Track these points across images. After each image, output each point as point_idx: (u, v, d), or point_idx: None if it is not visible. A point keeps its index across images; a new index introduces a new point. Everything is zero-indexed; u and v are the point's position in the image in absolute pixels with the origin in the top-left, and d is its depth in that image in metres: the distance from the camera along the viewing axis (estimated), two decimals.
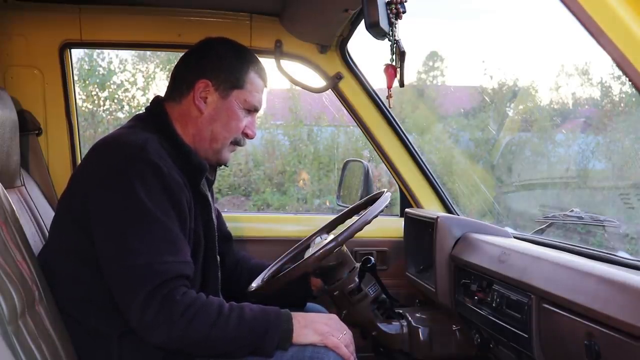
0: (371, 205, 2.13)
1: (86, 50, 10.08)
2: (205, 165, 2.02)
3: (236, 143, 2.09)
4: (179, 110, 2.04)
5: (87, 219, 1.80)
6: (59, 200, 2.01)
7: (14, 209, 1.85)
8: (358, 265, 2.25)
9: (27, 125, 2.59)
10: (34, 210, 2.31)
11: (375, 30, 1.76)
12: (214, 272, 2.07)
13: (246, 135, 2.09)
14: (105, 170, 1.82)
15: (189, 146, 2.00)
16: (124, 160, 1.80)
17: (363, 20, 1.84)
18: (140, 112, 2.11)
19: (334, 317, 1.92)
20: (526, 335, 1.75)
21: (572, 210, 2.24)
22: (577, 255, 1.81)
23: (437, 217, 2.40)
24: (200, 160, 2.00)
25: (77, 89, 3.04)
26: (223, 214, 2.47)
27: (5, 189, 1.86)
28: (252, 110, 2.09)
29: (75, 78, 3.00)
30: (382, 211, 2.10)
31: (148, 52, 9.03)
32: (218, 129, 2.03)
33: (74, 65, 2.97)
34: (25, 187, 2.37)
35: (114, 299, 1.77)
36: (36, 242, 2.14)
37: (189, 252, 1.83)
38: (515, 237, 2.30)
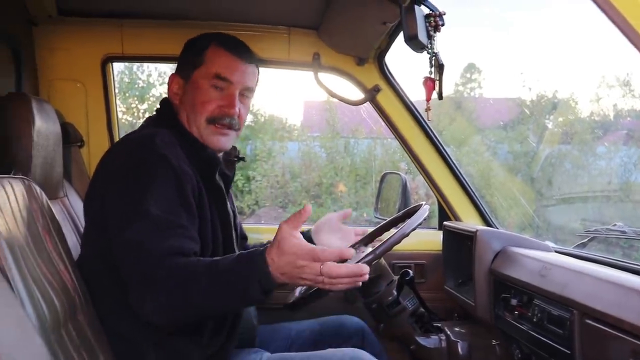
0: (409, 218, 2.12)
1: (126, 64, 10.27)
2: (216, 157, 2.01)
3: (213, 122, 1.98)
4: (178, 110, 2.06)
5: (106, 219, 1.81)
6: (83, 207, 2.01)
7: (57, 219, 1.88)
8: (396, 278, 2.24)
9: (70, 137, 2.63)
10: (76, 221, 2.34)
11: (414, 43, 1.76)
12: None
13: (225, 113, 1.98)
14: (114, 167, 1.85)
15: (198, 140, 1.99)
16: (130, 154, 1.83)
17: (402, 33, 1.84)
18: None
19: (304, 251, 1.59)
20: (568, 352, 1.71)
21: (614, 224, 2.21)
22: (620, 270, 1.77)
23: (477, 230, 2.38)
24: (213, 153, 1.99)
25: (118, 102, 3.09)
26: (258, 225, 2.47)
27: (49, 199, 1.89)
28: (221, 79, 1.98)
29: (116, 91, 3.05)
30: (420, 224, 2.08)
31: None
32: (190, 112, 2.00)
33: (115, 78, 3.02)
34: (68, 198, 2.41)
35: None
36: (78, 253, 2.16)
37: (191, 229, 1.78)
38: (556, 251, 2.27)
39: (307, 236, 2.41)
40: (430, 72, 1.91)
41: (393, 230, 2.34)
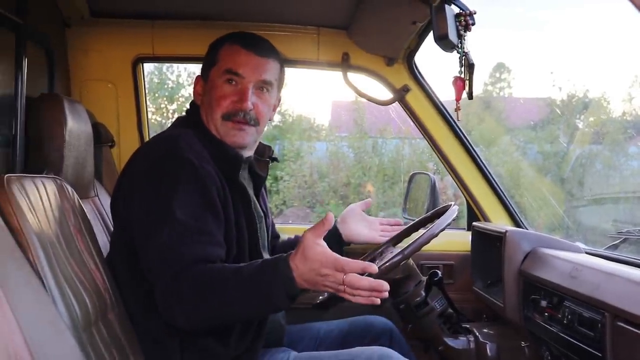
0: (438, 218, 2.11)
1: (156, 65, 10.35)
2: (239, 156, 2.00)
3: (228, 118, 1.97)
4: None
5: (128, 221, 1.84)
6: (110, 208, 2.05)
7: (88, 218, 1.91)
8: (424, 278, 2.23)
9: (101, 138, 2.66)
10: (106, 221, 2.37)
11: (445, 42, 1.76)
12: None
13: (238, 108, 1.96)
14: (139, 169, 1.88)
15: (220, 139, 2.00)
16: (155, 157, 1.86)
17: (431, 33, 1.84)
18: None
19: (329, 260, 1.60)
20: (599, 354, 1.69)
21: None
22: None
23: (506, 231, 2.36)
24: (236, 152, 2.00)
25: (148, 102, 3.12)
26: (286, 225, 2.47)
27: (80, 199, 1.92)
28: (233, 74, 1.98)
29: (146, 91, 3.08)
30: (449, 224, 2.07)
31: None
32: (208, 110, 2.01)
33: (145, 78, 3.05)
34: (99, 198, 2.44)
35: None
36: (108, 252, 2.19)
37: (217, 235, 1.81)
38: (587, 253, 2.24)
39: (334, 226, 2.42)
40: (460, 72, 1.90)
41: (422, 231, 2.33)
